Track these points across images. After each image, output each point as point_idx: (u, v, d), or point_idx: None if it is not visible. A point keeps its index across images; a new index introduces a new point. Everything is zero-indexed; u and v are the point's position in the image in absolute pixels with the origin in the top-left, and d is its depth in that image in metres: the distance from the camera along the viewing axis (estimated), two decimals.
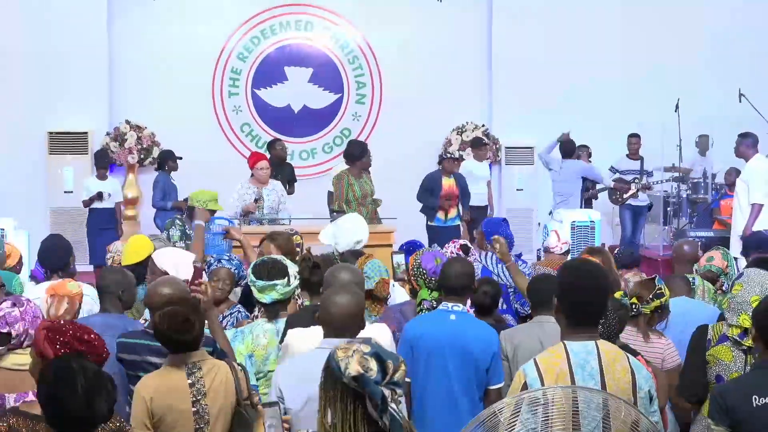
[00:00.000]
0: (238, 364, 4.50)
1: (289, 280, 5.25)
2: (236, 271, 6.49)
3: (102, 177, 12.87)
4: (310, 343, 4.44)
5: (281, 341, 4.96)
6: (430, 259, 6.07)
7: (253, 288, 5.32)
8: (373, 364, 2.98)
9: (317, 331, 4.57)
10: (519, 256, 10.41)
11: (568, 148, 13.01)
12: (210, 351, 4.58)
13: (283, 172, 12.24)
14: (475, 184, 12.73)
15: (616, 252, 8.04)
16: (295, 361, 4.50)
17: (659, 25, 14.71)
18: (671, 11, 14.76)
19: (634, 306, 5.50)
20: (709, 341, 4.93)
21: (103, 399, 3.38)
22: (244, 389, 4.35)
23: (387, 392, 2.97)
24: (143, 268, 6.33)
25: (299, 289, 5.60)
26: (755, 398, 3.98)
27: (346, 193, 10.42)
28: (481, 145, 13.43)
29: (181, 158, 12.72)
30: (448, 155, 12.31)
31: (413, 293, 6.29)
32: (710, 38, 14.66)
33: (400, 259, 7.12)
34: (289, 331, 4.93)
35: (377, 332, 4.86)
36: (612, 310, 4.77)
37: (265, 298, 5.24)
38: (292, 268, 5.38)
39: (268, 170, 10.53)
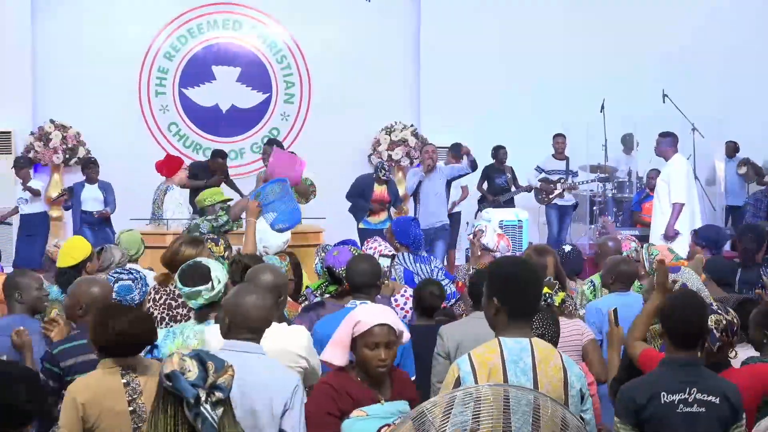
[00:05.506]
0: None
1: (212, 285, 5.16)
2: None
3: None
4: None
5: None
6: (331, 252, 6.10)
7: (182, 293, 5.26)
8: (192, 365, 2.99)
9: None
10: (428, 252, 10.50)
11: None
12: None
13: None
14: (454, 189, 12.90)
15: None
16: None
17: (585, 26, 14.89)
18: (595, 13, 14.96)
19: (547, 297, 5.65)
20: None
21: (23, 387, 3.29)
22: None
23: (203, 394, 2.96)
24: (77, 272, 6.26)
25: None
26: (663, 395, 4.02)
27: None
28: (457, 150, 12.74)
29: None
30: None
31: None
32: (634, 39, 14.87)
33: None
34: (206, 328, 4.89)
35: (294, 335, 4.81)
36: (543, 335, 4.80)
37: (193, 303, 5.18)
38: (218, 271, 5.28)
39: None
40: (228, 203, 8.60)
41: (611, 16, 14.97)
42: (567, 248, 7.93)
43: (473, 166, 11.87)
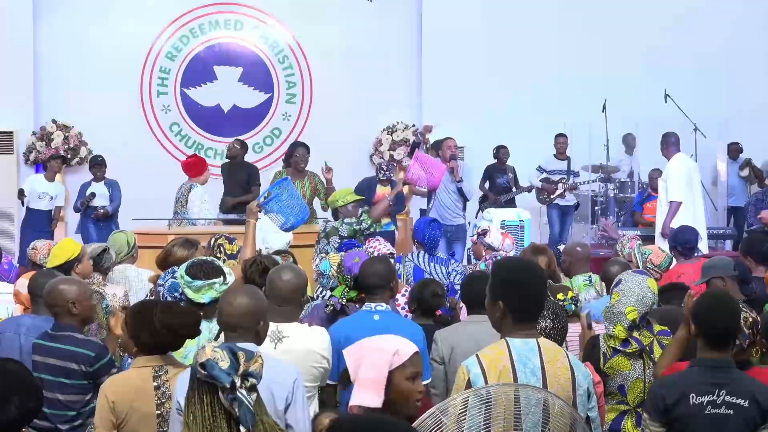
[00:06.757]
0: None
1: (224, 278, 5.18)
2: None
3: (50, 178, 12.89)
4: None
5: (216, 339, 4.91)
6: (351, 258, 6.07)
7: (188, 289, 5.23)
8: (224, 355, 3.03)
9: None
10: (452, 255, 10.44)
11: None
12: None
13: (237, 172, 11.87)
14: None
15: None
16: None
17: (588, 26, 14.88)
18: (597, 13, 14.94)
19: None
20: (604, 354, 4.97)
21: (17, 400, 3.24)
22: None
23: (238, 380, 3.01)
24: (63, 272, 6.23)
25: None
26: (692, 396, 4.05)
27: None
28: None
29: None
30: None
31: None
32: (636, 39, 14.86)
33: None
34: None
35: (317, 335, 4.83)
36: (558, 317, 4.79)
37: (203, 297, 5.14)
38: (227, 267, 5.31)
39: None
40: (361, 202, 8.70)
41: (613, 15, 14.94)
42: (562, 248, 7.95)
43: (461, 193, 11.34)
